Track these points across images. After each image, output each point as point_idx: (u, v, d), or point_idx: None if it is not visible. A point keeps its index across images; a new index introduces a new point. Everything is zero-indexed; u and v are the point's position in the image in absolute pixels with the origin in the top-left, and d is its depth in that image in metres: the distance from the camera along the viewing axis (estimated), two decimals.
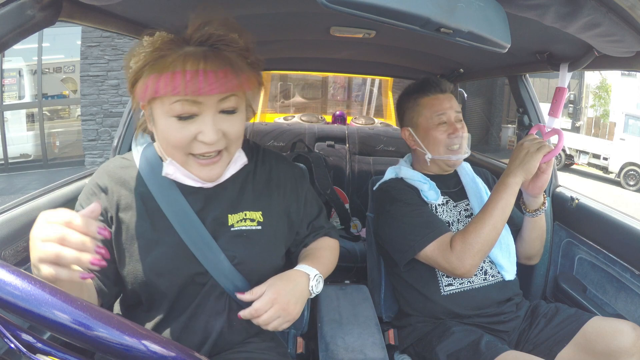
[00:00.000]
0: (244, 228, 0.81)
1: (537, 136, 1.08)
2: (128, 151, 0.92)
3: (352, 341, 0.98)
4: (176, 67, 0.67)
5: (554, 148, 1.04)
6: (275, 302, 0.75)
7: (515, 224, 1.23)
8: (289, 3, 1.09)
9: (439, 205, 1.20)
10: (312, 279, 0.81)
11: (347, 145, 2.60)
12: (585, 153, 10.11)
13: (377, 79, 5.59)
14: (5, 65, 7.51)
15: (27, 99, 7.79)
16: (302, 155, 2.19)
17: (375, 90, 6.05)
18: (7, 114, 7.61)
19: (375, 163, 2.48)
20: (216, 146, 0.73)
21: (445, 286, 1.14)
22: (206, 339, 0.80)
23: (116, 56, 6.92)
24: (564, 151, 9.74)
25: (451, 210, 1.21)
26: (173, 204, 0.78)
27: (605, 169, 9.70)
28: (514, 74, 1.53)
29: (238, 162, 0.80)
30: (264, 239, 0.82)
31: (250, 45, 0.75)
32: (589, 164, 10.08)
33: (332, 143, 2.59)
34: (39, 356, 0.46)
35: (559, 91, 1.08)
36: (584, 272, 1.34)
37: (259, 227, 0.82)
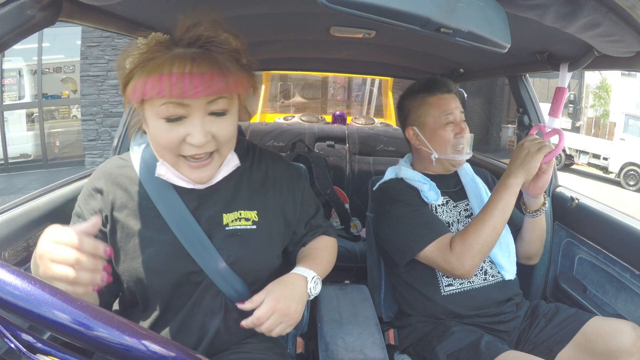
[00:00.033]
0: (239, 227, 0.81)
1: (537, 136, 1.08)
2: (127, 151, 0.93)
3: (352, 341, 0.98)
4: (163, 69, 0.67)
5: (555, 148, 1.04)
6: (276, 309, 0.75)
7: (515, 224, 1.23)
8: (289, 3, 1.09)
9: (439, 205, 1.20)
10: (310, 281, 0.81)
11: (347, 145, 2.60)
12: (585, 153, 10.11)
13: (377, 79, 5.59)
14: (5, 65, 7.50)
15: (27, 99, 7.78)
16: (302, 155, 2.19)
17: (375, 90, 6.06)
18: (7, 114, 7.61)
19: (375, 163, 2.48)
20: (205, 148, 0.72)
21: (446, 286, 1.14)
22: (202, 339, 0.80)
23: (116, 56, 6.82)
24: (564, 151, 9.72)
25: (451, 211, 1.21)
26: (168, 203, 0.78)
27: (605, 169, 9.70)
28: (514, 74, 1.53)
29: (230, 164, 0.79)
30: (259, 239, 0.82)
31: (242, 47, 0.74)
32: (589, 164, 10.08)
33: (332, 143, 2.59)
34: (39, 356, 0.46)
35: (559, 91, 1.08)
36: (584, 272, 1.34)
37: (254, 227, 0.82)
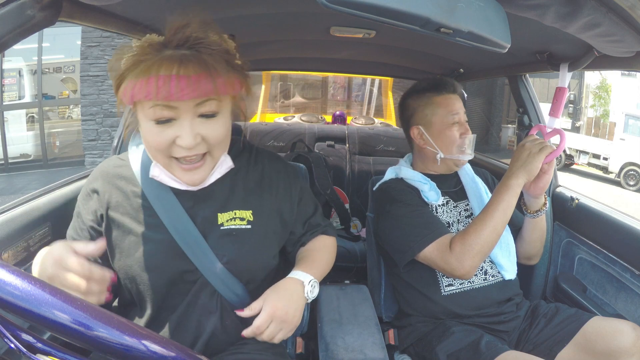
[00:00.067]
0: (234, 227, 0.81)
1: (538, 137, 1.08)
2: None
3: (352, 341, 0.98)
4: (151, 72, 0.67)
5: (556, 148, 1.03)
6: (274, 317, 0.75)
7: (515, 224, 1.23)
8: (289, 3, 1.09)
9: (440, 205, 1.20)
10: (307, 285, 0.81)
11: (347, 145, 2.60)
12: (585, 153, 10.10)
13: (377, 79, 5.59)
14: (5, 65, 7.50)
15: (27, 99, 7.78)
16: (302, 155, 2.19)
17: (375, 90, 6.05)
18: (7, 114, 7.61)
19: (375, 163, 2.48)
20: (196, 150, 0.72)
21: (446, 286, 1.14)
22: (198, 338, 0.80)
23: None
24: (564, 151, 9.71)
25: (451, 211, 1.21)
26: (164, 202, 0.78)
27: (605, 169, 9.69)
28: (514, 74, 1.53)
29: (223, 166, 0.79)
30: (254, 238, 0.82)
31: (233, 47, 0.74)
32: (589, 164, 10.07)
33: (332, 143, 2.59)
34: (39, 356, 0.46)
35: (559, 91, 1.08)
36: (584, 272, 1.34)
37: (249, 226, 0.82)
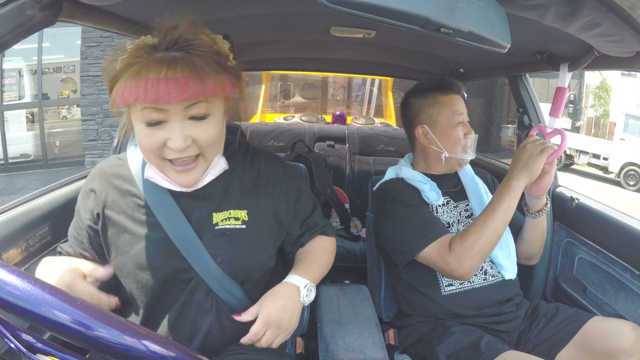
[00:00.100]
0: (228, 227, 0.81)
1: (539, 138, 1.07)
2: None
3: (352, 341, 0.98)
4: (140, 75, 0.67)
5: (558, 149, 1.03)
6: (270, 324, 0.76)
7: (515, 224, 1.23)
8: (289, 3, 1.09)
9: (440, 205, 1.19)
10: (303, 289, 0.81)
11: (347, 145, 2.59)
12: (585, 153, 10.10)
13: (377, 79, 5.59)
14: (5, 65, 7.50)
15: (27, 99, 7.78)
16: (302, 155, 2.19)
17: (375, 90, 6.05)
18: (7, 114, 7.61)
19: (375, 163, 2.48)
20: (187, 152, 0.72)
21: (446, 286, 1.14)
22: (193, 337, 0.80)
23: None
24: (563, 151, 9.71)
25: (451, 211, 1.21)
26: (160, 201, 0.79)
27: (605, 169, 9.69)
28: (514, 74, 1.54)
29: (217, 167, 0.79)
30: (249, 238, 0.82)
31: (225, 48, 0.74)
32: (589, 164, 10.07)
33: (332, 143, 2.59)
34: (39, 356, 0.46)
35: (559, 91, 1.08)
36: (584, 272, 1.34)
37: (244, 226, 0.82)
